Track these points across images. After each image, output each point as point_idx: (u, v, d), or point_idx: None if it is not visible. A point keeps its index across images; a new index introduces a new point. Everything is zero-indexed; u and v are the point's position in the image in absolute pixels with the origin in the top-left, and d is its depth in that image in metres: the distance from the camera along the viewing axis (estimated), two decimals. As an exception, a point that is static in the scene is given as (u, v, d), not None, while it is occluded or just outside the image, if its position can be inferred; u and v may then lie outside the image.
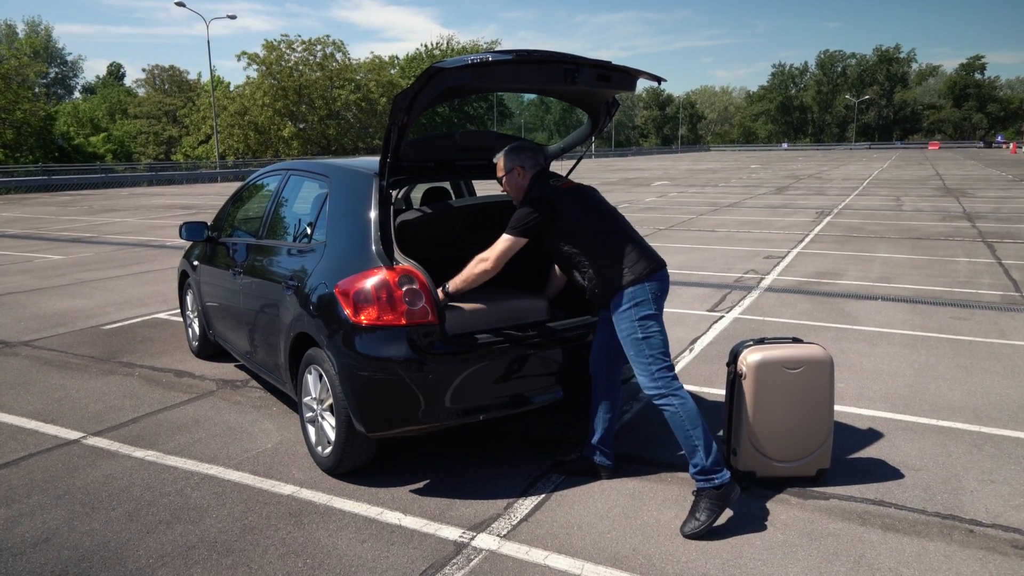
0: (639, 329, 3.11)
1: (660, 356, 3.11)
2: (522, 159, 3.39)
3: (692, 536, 2.99)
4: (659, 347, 3.12)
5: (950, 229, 13.15)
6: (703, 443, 3.05)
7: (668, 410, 3.10)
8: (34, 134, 45.58)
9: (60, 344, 6.11)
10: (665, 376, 3.10)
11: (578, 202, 3.31)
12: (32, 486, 3.49)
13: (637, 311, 3.12)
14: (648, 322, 3.12)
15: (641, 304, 3.13)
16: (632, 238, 3.27)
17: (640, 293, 3.13)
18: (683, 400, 3.08)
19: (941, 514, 3.16)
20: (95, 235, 14.58)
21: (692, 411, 3.08)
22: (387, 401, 3.27)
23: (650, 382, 3.11)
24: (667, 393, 3.08)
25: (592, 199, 3.38)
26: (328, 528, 3.08)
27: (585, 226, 3.24)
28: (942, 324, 6.42)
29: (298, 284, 3.73)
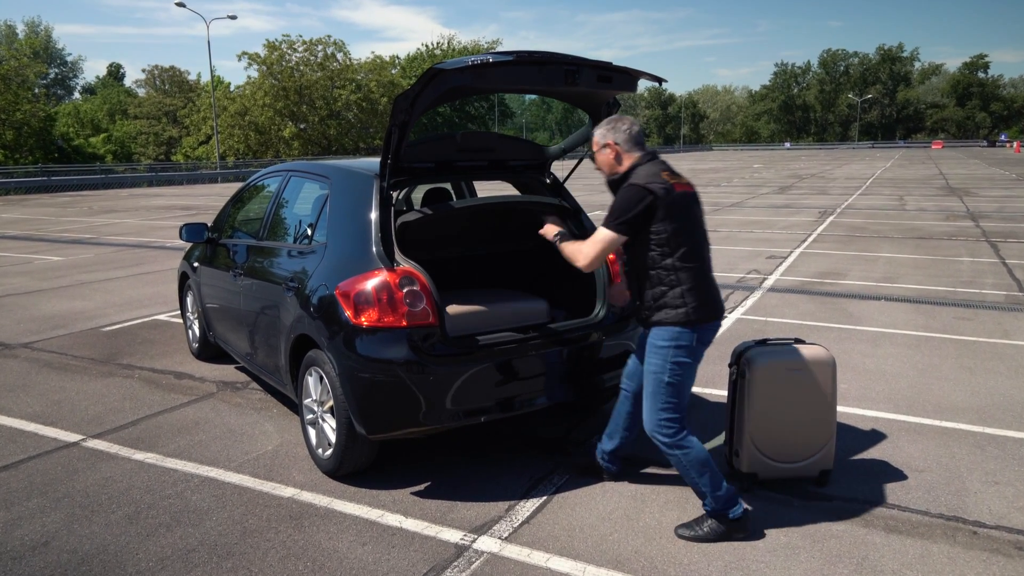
0: (668, 372, 2.94)
1: (675, 407, 2.97)
2: (618, 136, 3.04)
3: (682, 539, 2.99)
4: (679, 397, 2.97)
5: (953, 229, 13.14)
6: (710, 490, 2.96)
7: (672, 459, 3.01)
8: (34, 135, 45.66)
9: (60, 346, 6.12)
10: (672, 427, 2.97)
11: (685, 214, 2.95)
12: (31, 489, 3.49)
13: (675, 354, 2.93)
14: (680, 369, 2.94)
15: (682, 349, 2.93)
16: (707, 273, 3.00)
17: (685, 337, 2.92)
18: (686, 451, 2.96)
19: (945, 516, 3.16)
20: (95, 236, 14.59)
21: (696, 460, 2.96)
22: (388, 403, 3.27)
23: (656, 428, 3.00)
24: (670, 444, 2.98)
25: (695, 217, 3.02)
26: (329, 531, 3.09)
27: (677, 244, 2.91)
28: (945, 324, 6.41)
29: (299, 286, 3.73)
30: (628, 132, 3.04)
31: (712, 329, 3.02)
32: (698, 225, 3.01)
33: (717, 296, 3.03)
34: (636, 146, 3.04)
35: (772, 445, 3.31)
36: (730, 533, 2.98)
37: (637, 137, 3.05)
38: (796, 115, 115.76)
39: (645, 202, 2.86)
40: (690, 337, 2.93)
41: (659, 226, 2.89)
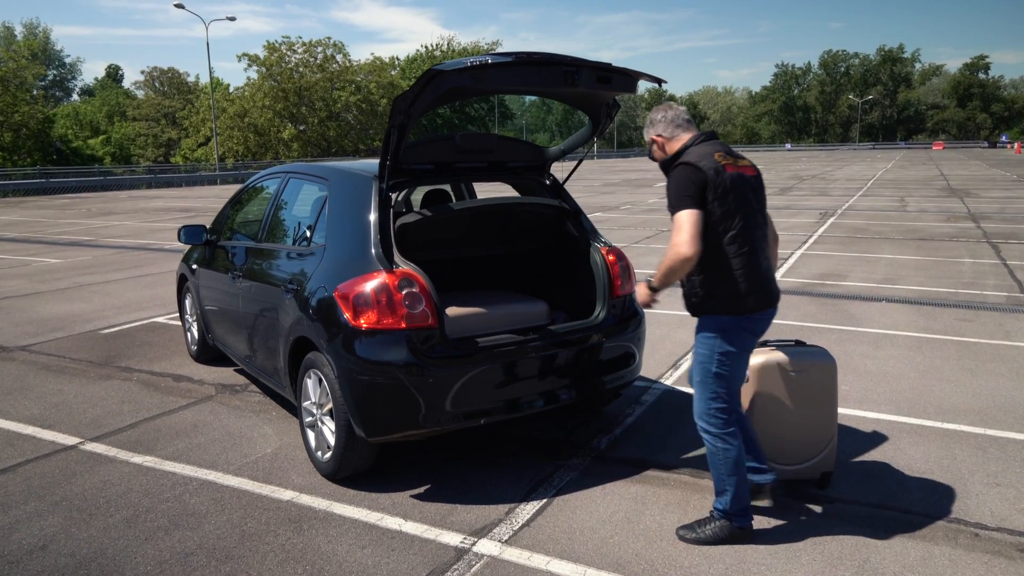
0: (715, 362, 2.88)
1: (725, 396, 2.91)
2: (654, 128, 2.98)
3: (684, 540, 2.98)
4: (728, 387, 2.91)
5: (955, 230, 13.14)
6: (733, 491, 2.93)
7: (709, 448, 2.96)
8: (32, 137, 45.70)
9: (58, 349, 6.12)
10: (720, 418, 2.92)
11: (737, 195, 2.81)
12: (29, 492, 3.49)
13: (722, 344, 2.87)
14: (727, 359, 2.88)
15: (730, 339, 2.86)
16: (759, 260, 2.87)
17: (733, 327, 2.85)
18: (728, 447, 2.91)
19: (946, 518, 3.15)
20: (93, 238, 14.59)
21: (733, 459, 2.91)
22: (387, 405, 3.27)
23: (704, 416, 2.95)
24: (716, 435, 2.92)
25: (749, 200, 2.87)
26: (328, 534, 3.08)
27: (721, 226, 2.79)
28: (947, 326, 6.41)
29: (297, 288, 3.73)
30: (665, 119, 2.98)
31: (764, 318, 2.92)
32: (751, 209, 2.87)
33: (770, 284, 2.91)
34: (679, 128, 2.96)
35: (773, 447, 3.31)
36: (732, 538, 2.97)
37: (677, 120, 2.97)
38: (797, 116, 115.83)
39: (696, 180, 2.76)
40: (738, 327, 2.85)
41: (708, 208, 2.78)
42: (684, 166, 2.81)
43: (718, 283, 2.83)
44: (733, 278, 2.81)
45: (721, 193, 2.78)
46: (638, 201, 20.97)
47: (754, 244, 2.86)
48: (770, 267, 2.97)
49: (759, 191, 2.95)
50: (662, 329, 6.34)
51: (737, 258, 2.81)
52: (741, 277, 2.82)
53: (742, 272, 2.82)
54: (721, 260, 2.81)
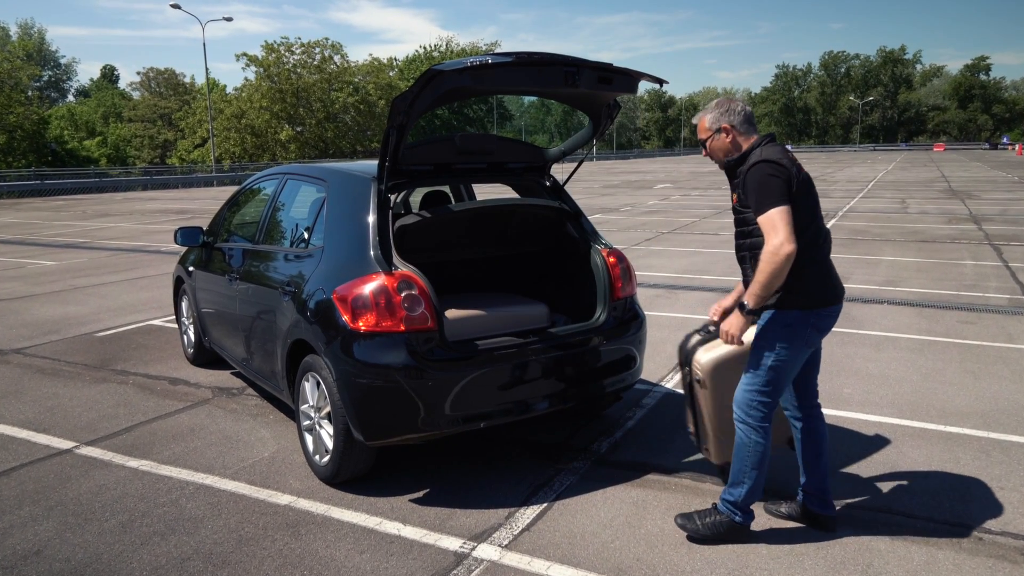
0: (774, 356, 2.84)
1: (772, 391, 2.88)
2: (731, 119, 2.92)
3: (682, 528, 3.01)
4: (778, 382, 2.88)
5: (956, 232, 13.16)
6: (750, 485, 2.93)
7: (742, 436, 2.94)
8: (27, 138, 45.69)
9: (53, 352, 6.10)
10: (762, 411, 2.89)
11: (809, 193, 2.82)
12: (23, 497, 3.48)
13: (785, 338, 2.83)
14: (787, 355, 2.84)
15: (794, 334, 2.83)
16: (824, 255, 2.89)
17: (800, 322, 2.82)
18: (760, 442, 2.90)
19: (950, 522, 3.15)
20: (89, 240, 14.58)
21: (761, 453, 2.90)
22: (386, 409, 3.26)
23: (745, 405, 2.92)
24: (752, 426, 2.90)
25: (816, 199, 2.89)
26: (326, 539, 3.07)
27: (800, 219, 2.75)
28: (949, 328, 6.41)
29: (295, 290, 3.73)
30: (743, 114, 2.93)
31: (832, 315, 2.90)
32: (819, 207, 2.90)
33: (836, 280, 2.91)
34: (752, 127, 2.95)
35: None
36: (729, 534, 2.98)
37: (751, 118, 2.95)
38: (797, 117, 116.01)
39: (783, 177, 2.71)
40: (805, 322, 2.83)
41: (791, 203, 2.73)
42: (767, 163, 2.74)
43: (792, 279, 2.74)
44: (807, 274, 2.80)
45: (801, 191, 2.76)
46: (638, 203, 20.98)
47: (826, 241, 2.90)
48: (833, 264, 2.96)
49: (816, 191, 2.94)
50: (663, 332, 6.33)
51: (812, 255, 2.81)
52: (815, 273, 2.83)
53: (816, 269, 2.83)
54: (798, 257, 2.72)
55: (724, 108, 2.95)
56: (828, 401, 4.60)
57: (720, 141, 2.95)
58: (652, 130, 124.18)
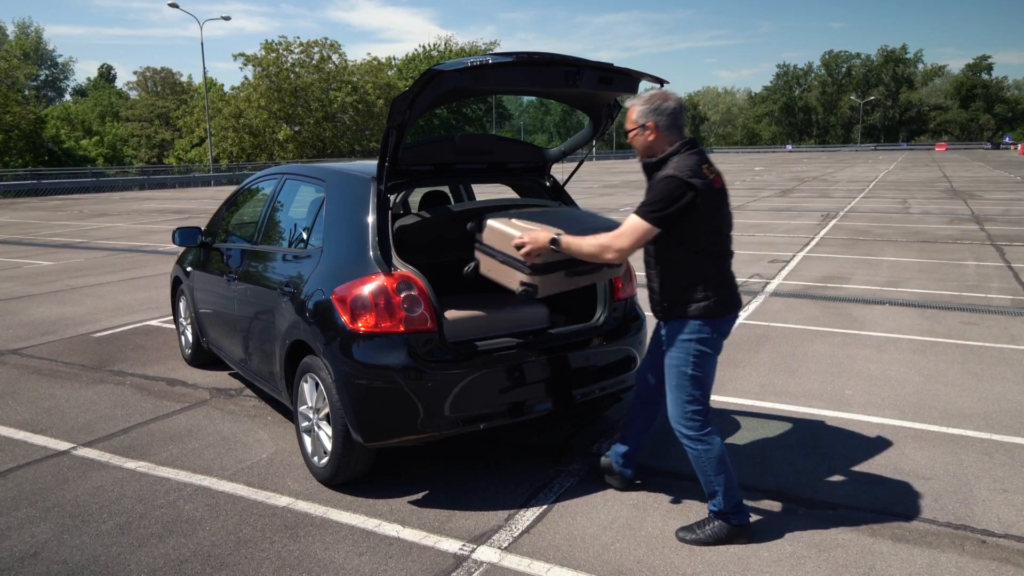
0: (691, 365, 2.95)
1: (700, 398, 2.98)
2: (657, 116, 2.92)
3: (683, 542, 3.02)
4: (702, 390, 2.99)
5: (958, 232, 13.17)
6: (723, 490, 2.98)
7: (692, 452, 3.02)
8: (24, 137, 45.69)
9: (49, 352, 6.10)
10: (698, 420, 2.98)
11: (719, 209, 2.93)
12: (20, 499, 3.47)
13: (697, 347, 2.94)
14: (701, 361, 2.96)
15: (704, 341, 2.95)
16: (726, 267, 3.02)
17: (707, 329, 2.94)
18: (708, 447, 2.97)
19: (952, 524, 3.15)
20: (86, 240, 14.57)
21: (716, 458, 2.97)
22: (385, 410, 3.26)
23: (681, 421, 3.00)
24: (695, 438, 2.99)
25: (725, 210, 2.98)
26: (324, 541, 3.07)
27: (706, 240, 2.91)
28: (951, 329, 6.41)
29: (294, 290, 3.72)
30: (672, 114, 2.93)
31: (731, 320, 3.03)
32: (727, 220, 2.99)
33: (736, 289, 3.06)
34: (677, 131, 2.95)
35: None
36: (731, 537, 2.99)
37: (679, 120, 2.94)
38: (798, 117, 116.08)
39: (687, 198, 2.79)
40: (711, 330, 2.95)
41: (693, 222, 2.85)
42: (677, 180, 2.80)
43: (694, 289, 2.92)
44: (709, 285, 2.93)
45: (708, 208, 2.86)
46: (637, 203, 20.93)
47: (728, 252, 3.03)
48: (734, 274, 3.09)
49: (728, 201, 3.04)
50: (663, 332, 6.33)
51: (713, 267, 2.96)
52: (717, 284, 2.95)
53: (718, 279, 2.96)
54: (700, 268, 2.93)
55: (654, 105, 2.94)
56: (829, 402, 4.61)
57: (643, 137, 2.97)
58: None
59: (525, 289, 3.18)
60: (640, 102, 2.97)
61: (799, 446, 3.97)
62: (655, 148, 2.96)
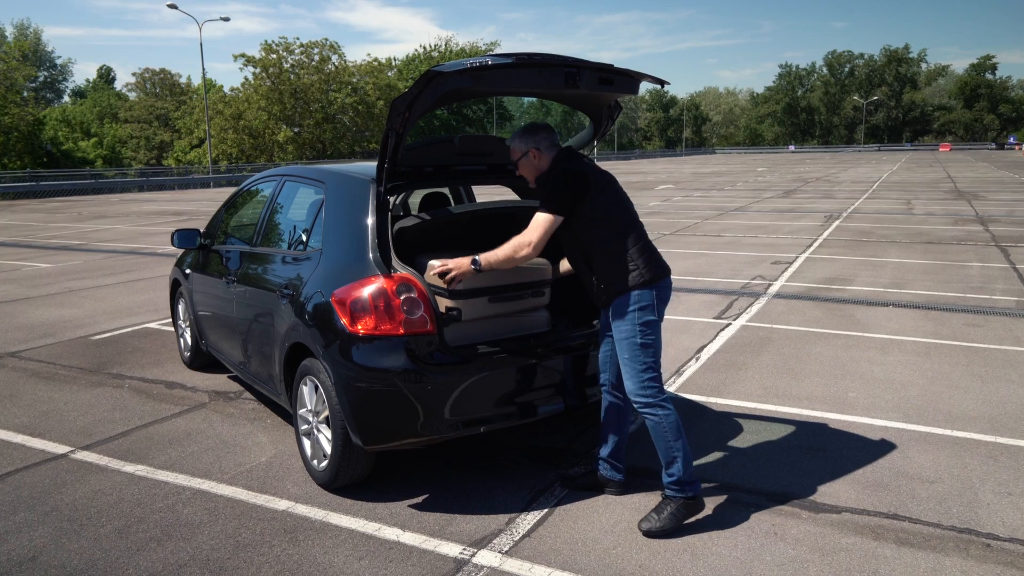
0: (639, 334, 3.14)
1: (653, 365, 3.16)
2: (536, 140, 3.30)
3: (648, 534, 3.10)
4: (654, 355, 3.16)
5: (962, 233, 13.16)
6: (682, 455, 3.14)
7: (652, 420, 3.16)
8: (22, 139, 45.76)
9: (48, 355, 6.11)
10: (654, 386, 3.15)
11: (608, 186, 3.25)
12: (18, 502, 3.48)
13: (641, 315, 3.14)
14: (648, 328, 3.15)
15: (646, 309, 3.14)
16: (645, 238, 3.26)
17: (646, 297, 3.14)
18: (668, 412, 3.14)
19: (957, 528, 3.14)
20: (84, 242, 14.59)
21: (675, 423, 3.14)
22: (385, 413, 3.26)
23: (639, 390, 3.15)
24: (654, 404, 3.14)
25: (618, 188, 3.31)
26: (324, 545, 3.07)
27: (608, 215, 3.19)
28: (955, 331, 6.41)
29: (293, 293, 3.73)
30: (548, 139, 3.32)
31: (667, 286, 3.26)
32: (621, 196, 3.29)
33: (658, 255, 3.30)
34: (554, 146, 3.33)
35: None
36: (689, 513, 3.15)
37: (554, 139, 3.34)
38: (800, 118, 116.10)
39: (575, 182, 3.13)
40: (649, 296, 3.16)
41: (593, 203, 3.15)
42: (562, 171, 3.17)
43: (619, 265, 3.16)
44: (635, 255, 3.17)
45: (601, 187, 3.20)
46: (639, 204, 20.93)
47: (638, 222, 3.29)
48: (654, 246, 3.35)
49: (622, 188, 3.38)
50: (665, 334, 6.29)
51: (632, 239, 3.20)
52: (641, 254, 3.19)
53: (640, 250, 3.20)
54: (621, 245, 3.18)
55: (529, 134, 3.32)
56: (833, 405, 4.61)
57: (529, 162, 3.33)
58: (654, 130, 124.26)
59: (450, 314, 3.45)
60: (515, 138, 3.37)
61: (802, 449, 3.97)
62: (541, 166, 3.33)
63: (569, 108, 5.76)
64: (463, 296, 3.51)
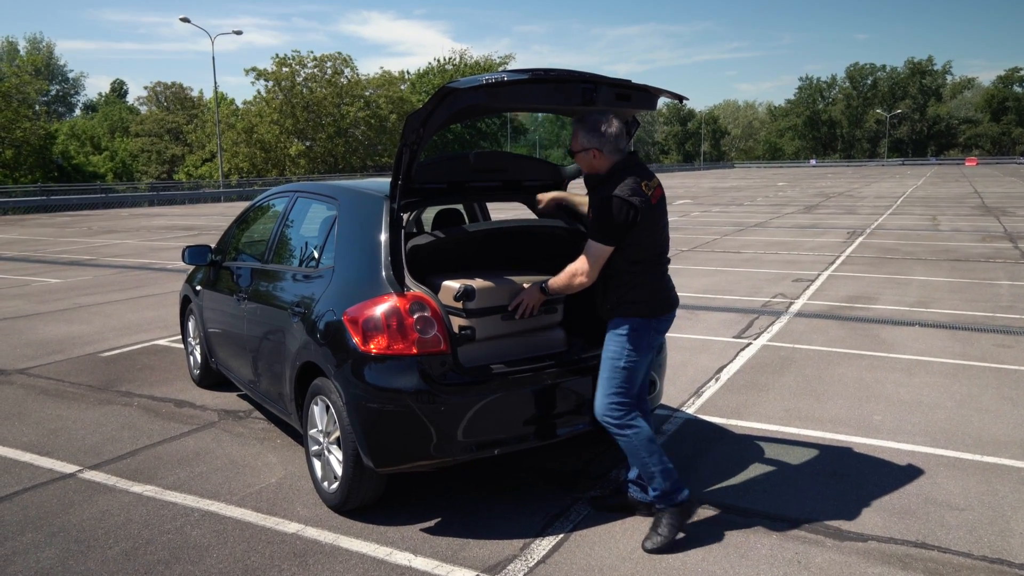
0: (624, 358, 3.23)
1: (627, 392, 3.24)
2: (602, 141, 3.22)
3: (654, 551, 3.14)
4: (630, 383, 3.25)
5: (991, 250, 13.04)
6: (660, 468, 3.21)
7: (623, 440, 3.24)
8: (33, 153, 46.48)
9: (56, 372, 6.17)
10: (621, 410, 3.23)
11: (656, 222, 3.26)
12: (26, 522, 3.50)
13: (633, 341, 3.23)
14: (636, 356, 3.23)
15: (640, 338, 3.24)
16: (664, 269, 3.36)
17: (644, 328, 3.24)
18: (636, 430, 3.22)
19: (988, 558, 3.09)
20: (94, 258, 14.76)
21: (645, 439, 3.22)
22: (397, 434, 3.26)
23: (605, 410, 3.25)
24: (622, 424, 3.23)
25: (663, 223, 3.33)
26: (334, 569, 3.07)
27: (641, 246, 3.22)
28: (985, 352, 6.33)
29: (305, 311, 3.75)
30: (614, 143, 3.24)
31: (668, 319, 3.37)
32: (664, 229, 3.33)
33: (672, 291, 3.41)
34: (616, 151, 3.27)
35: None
36: (684, 519, 3.27)
37: (618, 141, 3.26)
38: (822, 131, 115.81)
39: (629, 217, 3.13)
40: (647, 327, 3.25)
41: (634, 236, 3.18)
42: (619, 200, 3.13)
43: (633, 291, 3.23)
44: (645, 289, 3.25)
45: (647, 222, 3.19)
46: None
47: (665, 259, 3.36)
48: (670, 277, 3.44)
49: (666, 208, 3.37)
50: (683, 354, 6.31)
51: (651, 273, 3.27)
52: (654, 287, 3.27)
53: (655, 283, 3.28)
54: (638, 274, 3.24)
55: (595, 130, 3.23)
56: (857, 428, 4.56)
57: (586, 158, 3.29)
58: (671, 144, 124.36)
59: (464, 333, 3.48)
60: (583, 125, 3.26)
61: (826, 474, 3.93)
62: (598, 167, 3.29)
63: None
64: (476, 315, 3.53)
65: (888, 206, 24.84)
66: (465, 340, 3.46)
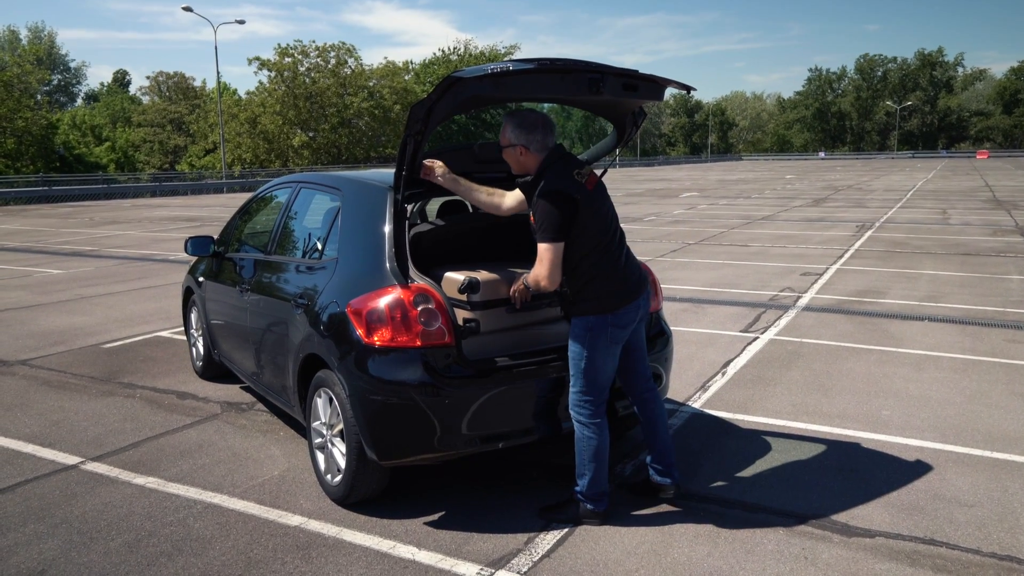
0: (584, 359, 3.24)
1: (592, 389, 3.27)
2: (528, 139, 3.28)
3: (543, 514, 3.41)
4: (596, 381, 3.26)
5: (1001, 244, 12.98)
6: (591, 476, 3.30)
7: (579, 432, 3.31)
8: (35, 143, 46.53)
9: (59, 363, 6.19)
10: (588, 407, 3.28)
11: (598, 209, 3.26)
12: (28, 514, 3.52)
13: (592, 341, 3.23)
14: (595, 355, 3.24)
15: (597, 336, 3.23)
16: (615, 263, 3.29)
17: (601, 325, 3.23)
18: (593, 436, 3.27)
19: (997, 555, 3.09)
20: (96, 248, 14.80)
21: (596, 448, 3.27)
22: (401, 427, 3.26)
23: (574, 405, 3.32)
24: (583, 422, 3.29)
25: (608, 208, 3.33)
26: (337, 562, 3.08)
27: (590, 240, 3.21)
28: (995, 347, 6.31)
29: (308, 303, 3.75)
30: (541, 140, 3.28)
31: (632, 310, 3.30)
32: (610, 216, 3.31)
33: (633, 279, 3.33)
34: (543, 148, 3.30)
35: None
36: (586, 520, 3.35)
37: (545, 138, 3.29)
38: (831, 123, 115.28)
39: (568, 208, 3.14)
40: (605, 324, 3.23)
41: (578, 227, 3.17)
42: (555, 194, 3.13)
43: (589, 287, 3.23)
44: (596, 285, 3.22)
45: (588, 210, 3.18)
46: (663, 212, 20.92)
47: (611, 250, 3.28)
48: (627, 263, 3.35)
49: (608, 196, 3.36)
50: (690, 348, 6.30)
51: (604, 263, 3.24)
52: (604, 283, 3.24)
53: (610, 275, 3.25)
54: (585, 269, 3.21)
55: (522, 127, 3.28)
56: (865, 423, 4.55)
57: (513, 155, 3.34)
58: (678, 136, 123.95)
59: (468, 326, 3.45)
60: (510, 122, 3.31)
61: (834, 469, 3.92)
62: (526, 165, 3.33)
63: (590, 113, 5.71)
64: (481, 307, 3.52)
65: (898, 199, 24.74)
66: (469, 333, 3.45)
